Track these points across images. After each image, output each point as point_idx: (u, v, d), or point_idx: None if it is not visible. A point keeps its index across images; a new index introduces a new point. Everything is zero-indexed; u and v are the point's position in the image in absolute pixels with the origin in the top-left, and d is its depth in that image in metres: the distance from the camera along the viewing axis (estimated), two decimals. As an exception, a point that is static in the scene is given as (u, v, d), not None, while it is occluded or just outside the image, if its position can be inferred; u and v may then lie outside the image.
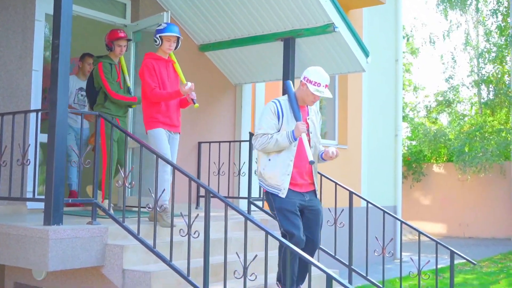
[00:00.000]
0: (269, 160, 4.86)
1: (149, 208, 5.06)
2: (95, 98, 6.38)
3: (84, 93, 7.21)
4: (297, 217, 4.80)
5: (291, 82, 5.17)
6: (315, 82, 4.75)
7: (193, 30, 8.20)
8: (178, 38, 5.87)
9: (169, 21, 6.80)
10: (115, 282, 4.83)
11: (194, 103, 5.77)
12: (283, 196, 4.75)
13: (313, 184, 4.99)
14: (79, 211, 6.36)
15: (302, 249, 4.53)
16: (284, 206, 4.77)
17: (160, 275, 4.74)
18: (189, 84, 5.59)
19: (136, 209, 5.18)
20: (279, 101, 4.89)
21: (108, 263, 4.89)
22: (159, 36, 5.74)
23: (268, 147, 4.76)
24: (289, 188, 4.78)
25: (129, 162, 6.87)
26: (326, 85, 4.80)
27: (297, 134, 4.70)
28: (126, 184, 5.07)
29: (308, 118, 4.95)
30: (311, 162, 4.64)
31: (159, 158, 5.06)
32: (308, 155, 4.64)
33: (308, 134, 4.81)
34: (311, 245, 4.95)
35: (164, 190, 5.27)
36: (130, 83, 6.76)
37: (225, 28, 7.93)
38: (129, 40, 6.62)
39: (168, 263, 4.67)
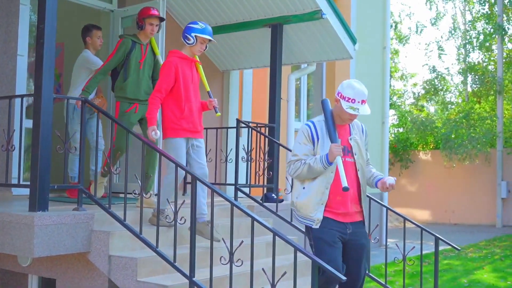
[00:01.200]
0: (303, 188, 4.39)
1: (135, 194, 5.04)
2: (116, 78, 6.06)
3: None
4: (335, 249, 4.27)
5: (328, 100, 4.63)
6: (349, 98, 4.20)
7: (180, 16, 8.15)
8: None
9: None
10: (101, 268, 4.82)
11: (216, 112, 5.55)
12: (317, 226, 4.25)
13: (361, 213, 4.44)
14: (65, 198, 6.33)
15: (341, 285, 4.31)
16: (320, 235, 4.28)
17: (147, 261, 4.74)
18: (156, 134, 5.20)
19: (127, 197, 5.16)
20: (313, 123, 4.38)
21: (94, 249, 4.88)
22: (195, 36, 5.27)
23: (301, 173, 4.29)
24: (326, 217, 4.27)
25: (103, 146, 6.82)
26: (363, 101, 4.24)
27: (331, 158, 4.15)
28: (113, 171, 5.05)
29: (351, 138, 4.39)
30: (345, 189, 4.07)
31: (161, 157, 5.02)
32: (342, 180, 4.10)
33: (349, 156, 4.33)
34: (351, 283, 4.43)
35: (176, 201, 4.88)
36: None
37: (213, 14, 7.88)
38: (162, 19, 6.16)
39: (154, 249, 4.66)
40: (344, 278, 3.94)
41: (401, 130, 22.04)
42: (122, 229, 4.88)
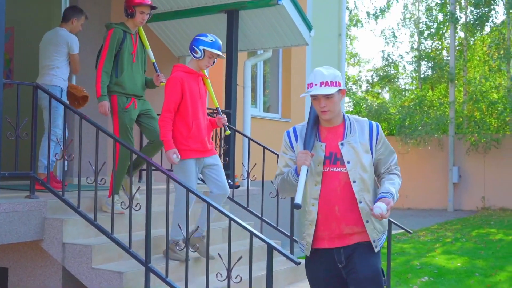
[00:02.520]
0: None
1: (88, 182, 4.98)
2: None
3: None
4: None
5: None
6: (308, 85, 3.34)
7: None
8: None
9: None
10: (55, 256, 4.76)
11: (226, 130, 5.33)
12: (308, 254, 3.44)
13: (362, 234, 3.37)
14: (17, 185, 6.20)
15: None
16: (308, 273, 3.52)
17: (102, 248, 4.70)
18: (178, 157, 4.89)
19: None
20: (294, 129, 3.52)
21: (47, 237, 4.81)
22: (203, 49, 4.96)
23: (280, 189, 3.50)
24: (315, 248, 3.40)
25: (67, 135, 6.71)
26: (322, 82, 3.26)
27: (299, 170, 3.27)
28: (66, 157, 4.98)
29: (342, 143, 3.35)
30: (295, 206, 3.11)
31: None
32: (297, 195, 3.14)
33: (338, 164, 3.33)
34: None
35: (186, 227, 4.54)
36: (153, 58, 5.84)
37: (168, -1, 7.80)
38: (153, 7, 5.63)
39: (109, 236, 4.63)
40: None
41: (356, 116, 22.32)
42: (76, 216, 4.82)
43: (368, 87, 25.38)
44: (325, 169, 3.33)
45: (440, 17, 21.24)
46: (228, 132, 5.43)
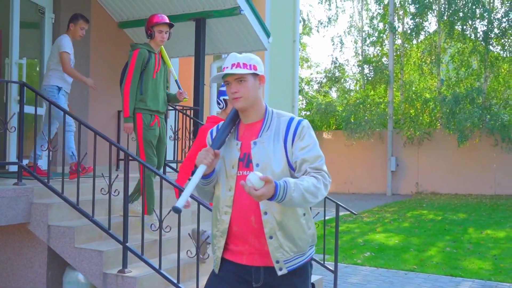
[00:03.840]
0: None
1: (72, 170, 4.90)
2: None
3: (73, 57, 5.99)
4: None
5: None
6: (222, 69, 2.60)
7: (112, 8, 7.91)
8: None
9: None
10: (41, 237, 4.68)
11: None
12: (216, 270, 2.61)
13: (268, 254, 2.49)
14: (6, 173, 6.07)
15: None
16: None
17: (83, 229, 4.65)
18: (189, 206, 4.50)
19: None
20: (217, 126, 2.70)
21: (34, 220, 4.73)
22: (224, 99, 4.47)
23: (198, 194, 2.72)
24: (226, 260, 2.59)
25: (49, 128, 6.58)
26: (234, 64, 2.52)
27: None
28: (50, 148, 4.90)
29: (255, 142, 2.53)
30: (174, 210, 2.27)
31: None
32: (180, 198, 2.33)
33: (251, 167, 2.51)
34: None
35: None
36: (176, 75, 5.59)
37: (142, 7, 7.71)
38: (171, 25, 5.25)
39: (91, 218, 4.57)
40: None
41: (308, 113, 22.48)
42: (60, 201, 4.75)
43: (319, 88, 25.57)
44: (239, 172, 2.53)
45: (381, 26, 21.52)
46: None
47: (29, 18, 6.88)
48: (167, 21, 5.15)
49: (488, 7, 18.10)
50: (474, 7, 17.89)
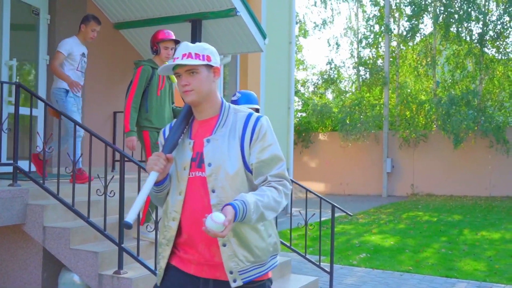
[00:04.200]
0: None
1: (67, 172, 4.89)
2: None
3: (85, 59, 5.97)
4: None
5: None
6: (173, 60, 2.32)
7: (108, 9, 7.90)
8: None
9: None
10: (36, 238, 4.67)
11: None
12: (158, 283, 2.37)
13: (219, 266, 2.25)
14: (1, 174, 6.04)
15: None
16: None
17: (79, 231, 4.63)
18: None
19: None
20: (171, 124, 2.47)
21: (29, 221, 4.71)
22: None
23: (153, 200, 2.46)
24: (173, 266, 2.34)
25: (46, 130, 6.57)
26: (185, 54, 2.27)
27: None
28: (46, 150, 4.88)
29: (208, 140, 2.29)
30: (124, 225, 2.07)
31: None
32: (131, 211, 2.11)
33: (203, 168, 2.26)
34: None
35: None
36: None
37: (138, 8, 7.70)
38: (177, 42, 5.19)
39: (86, 220, 4.56)
40: None
41: (303, 114, 22.51)
42: (56, 202, 4.73)
43: (314, 89, 25.59)
44: (191, 173, 2.27)
45: (377, 28, 21.57)
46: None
47: (21, 19, 6.85)
48: (173, 37, 5.14)
49: (483, 9, 18.16)
50: (469, 9, 17.95)
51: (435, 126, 19.18)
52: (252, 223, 2.15)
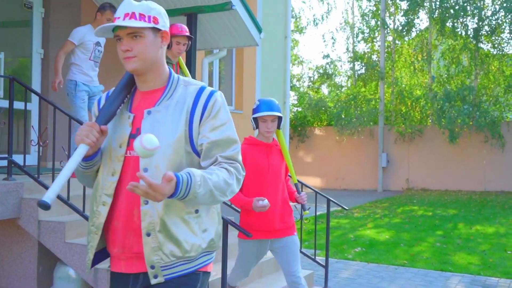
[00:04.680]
0: None
1: (62, 166, 4.88)
2: None
3: (100, 48, 5.86)
4: None
5: None
6: (114, 20, 2.00)
7: (102, 2, 7.86)
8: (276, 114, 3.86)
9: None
10: (31, 232, 4.66)
11: (304, 210, 4.20)
12: (88, 270, 2.12)
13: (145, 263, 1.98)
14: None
15: None
16: None
17: (74, 225, 4.63)
18: (265, 202, 3.70)
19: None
20: (108, 93, 2.14)
21: (24, 215, 4.70)
22: (252, 119, 3.93)
23: (79, 179, 2.17)
24: (112, 273, 2.09)
25: (40, 123, 6.55)
26: (127, 14, 1.94)
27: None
28: (40, 143, 4.87)
29: (150, 111, 2.00)
30: (41, 205, 1.72)
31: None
32: (50, 189, 1.80)
33: (130, 146, 1.99)
34: None
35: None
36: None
37: (133, 2, 7.67)
38: (190, 38, 5.15)
39: (81, 214, 4.56)
40: None
41: (299, 109, 22.51)
42: (50, 196, 4.72)
43: (310, 84, 25.59)
44: (128, 152, 1.98)
45: (372, 22, 21.56)
46: (307, 212, 4.28)
47: (12, 12, 6.80)
48: (186, 33, 5.06)
49: (479, 4, 18.17)
50: (465, 4, 17.96)
51: (430, 121, 19.22)
52: (199, 202, 1.86)
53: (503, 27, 18.24)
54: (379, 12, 20.09)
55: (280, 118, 3.94)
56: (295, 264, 3.91)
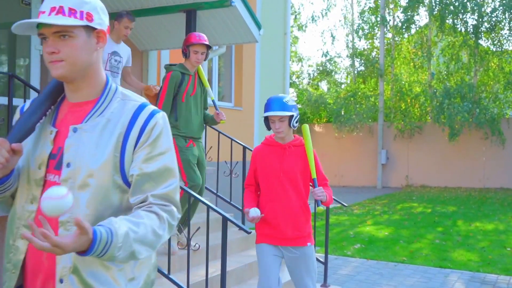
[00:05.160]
0: None
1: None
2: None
3: (118, 58, 5.65)
4: None
5: None
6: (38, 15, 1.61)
7: (102, -1, 7.86)
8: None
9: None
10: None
11: (318, 206, 3.81)
12: None
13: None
14: None
15: None
16: None
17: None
18: (255, 213, 3.52)
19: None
20: (32, 101, 1.74)
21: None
22: (263, 119, 3.77)
23: None
24: None
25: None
26: (54, 8, 1.57)
27: None
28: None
29: (76, 129, 1.64)
30: None
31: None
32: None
33: (60, 170, 1.64)
34: None
35: None
36: (213, 95, 5.17)
37: (132, -2, 7.66)
38: (209, 47, 4.90)
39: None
40: None
41: (299, 106, 22.52)
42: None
43: (309, 81, 25.59)
44: (48, 176, 1.65)
45: (372, 19, 21.54)
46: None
47: (10, 10, 6.78)
48: (204, 41, 4.84)
49: (478, 1, 18.16)
50: (465, 1, 17.95)
51: (429, 118, 19.22)
52: (114, 261, 1.56)
53: (503, 24, 18.24)
54: (379, 9, 20.06)
55: (291, 118, 3.65)
56: (306, 279, 3.59)
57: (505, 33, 18.55)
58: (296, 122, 3.69)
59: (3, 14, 6.69)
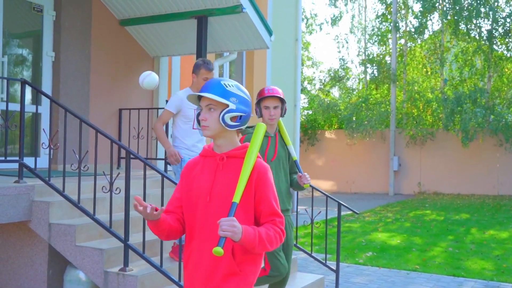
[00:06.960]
0: None
1: (72, 169, 4.91)
2: None
3: None
4: None
5: None
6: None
7: (113, 6, 7.92)
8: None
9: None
10: (42, 235, 4.70)
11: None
12: None
13: None
14: (7, 171, 6.08)
15: None
16: None
17: (84, 228, 4.66)
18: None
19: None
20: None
21: (35, 218, 4.74)
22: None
23: None
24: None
25: (50, 127, 6.59)
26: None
27: None
28: (51, 146, 4.91)
29: None
30: None
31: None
32: None
33: None
34: None
35: None
36: (294, 155, 4.21)
37: (144, 5, 7.72)
38: (283, 101, 4.06)
39: (92, 217, 4.59)
40: None
41: (310, 112, 22.50)
42: (61, 199, 4.77)
43: (321, 86, 25.58)
44: None
45: (384, 25, 21.51)
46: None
47: (21, 17, 6.85)
48: (272, 93, 3.99)
49: (493, 5, 18.06)
50: (479, 5, 17.86)
51: (442, 124, 19.13)
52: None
53: (518, 29, 18.13)
54: (391, 14, 20.02)
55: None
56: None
57: (520, 39, 18.43)
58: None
59: (15, 21, 6.76)
